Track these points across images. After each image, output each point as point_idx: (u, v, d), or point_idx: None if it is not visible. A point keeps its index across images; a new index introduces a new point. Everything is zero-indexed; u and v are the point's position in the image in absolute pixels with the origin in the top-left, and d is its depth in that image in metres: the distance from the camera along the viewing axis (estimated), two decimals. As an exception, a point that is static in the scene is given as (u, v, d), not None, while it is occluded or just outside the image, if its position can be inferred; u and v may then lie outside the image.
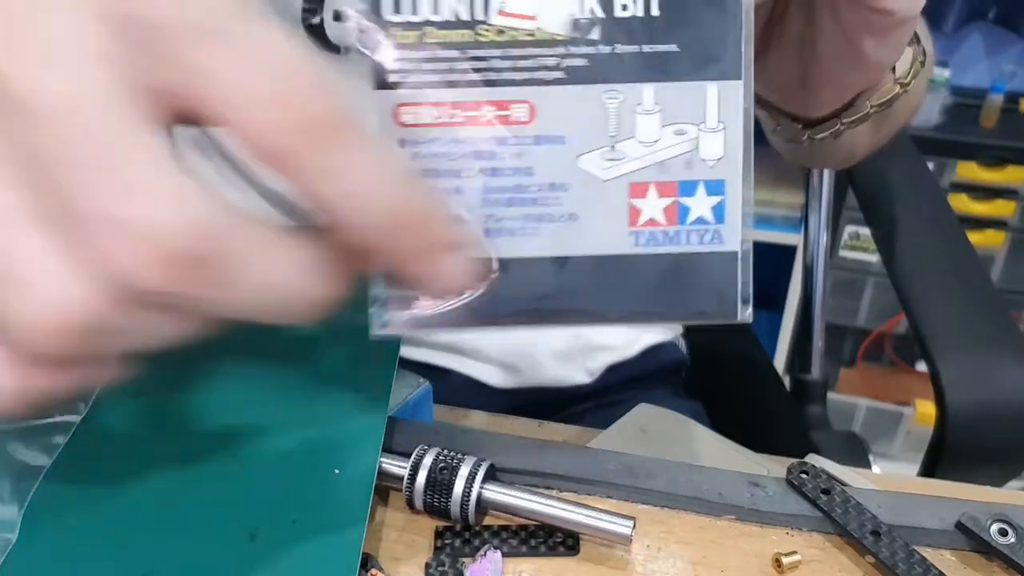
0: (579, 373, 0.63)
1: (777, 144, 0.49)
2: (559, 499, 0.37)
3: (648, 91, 0.26)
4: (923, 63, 0.39)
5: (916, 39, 0.39)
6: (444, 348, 0.61)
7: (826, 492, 0.38)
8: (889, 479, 0.42)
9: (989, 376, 0.49)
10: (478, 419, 0.47)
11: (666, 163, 0.26)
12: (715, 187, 0.27)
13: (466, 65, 0.25)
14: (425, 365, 0.61)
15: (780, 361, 1.50)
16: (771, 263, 1.59)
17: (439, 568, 0.36)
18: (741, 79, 0.26)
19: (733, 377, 0.80)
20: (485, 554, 0.35)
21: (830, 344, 0.85)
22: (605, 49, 0.25)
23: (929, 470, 0.49)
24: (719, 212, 0.27)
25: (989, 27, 1.49)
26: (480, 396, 0.58)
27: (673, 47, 0.25)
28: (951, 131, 1.44)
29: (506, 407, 0.47)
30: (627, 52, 0.25)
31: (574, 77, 0.25)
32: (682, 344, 0.72)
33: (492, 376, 0.62)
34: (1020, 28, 1.45)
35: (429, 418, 0.44)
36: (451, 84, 0.25)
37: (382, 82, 0.25)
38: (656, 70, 0.25)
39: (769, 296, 1.63)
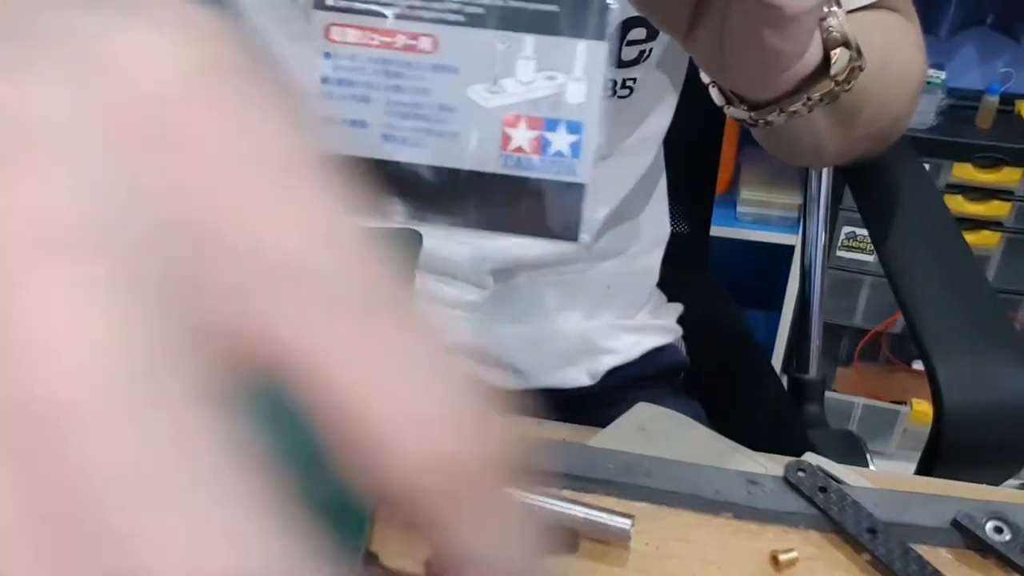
0: (582, 376, 0.64)
1: (751, 130, 0.51)
2: (558, 497, 0.37)
3: (530, 40, 0.31)
4: (861, 68, 0.42)
5: (855, 48, 0.42)
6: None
7: (823, 490, 0.38)
8: (886, 477, 0.42)
9: (985, 376, 0.49)
10: (478, 418, 0.47)
11: (537, 101, 0.31)
12: (574, 127, 0.31)
13: (389, 0, 0.31)
14: None
15: (777, 360, 1.50)
16: (768, 263, 1.59)
17: (439, 566, 0.36)
18: (605, 40, 0.31)
19: (731, 377, 0.80)
20: None
21: (827, 343, 0.85)
22: (499, 2, 0.31)
23: (926, 469, 0.49)
24: (576, 149, 0.31)
25: (986, 32, 1.50)
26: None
27: (555, 8, 0.31)
28: (947, 132, 1.44)
29: (508, 409, 0.47)
30: (517, 7, 0.31)
31: (472, 22, 0.31)
32: (682, 346, 0.72)
33: (496, 379, 0.62)
34: (1018, 34, 1.46)
35: (429, 417, 0.44)
36: (373, 14, 0.31)
37: (319, 3, 0.31)
38: (538, 25, 0.31)
39: (766, 296, 1.63)
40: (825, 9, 0.41)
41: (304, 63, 0.31)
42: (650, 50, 0.55)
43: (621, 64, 0.54)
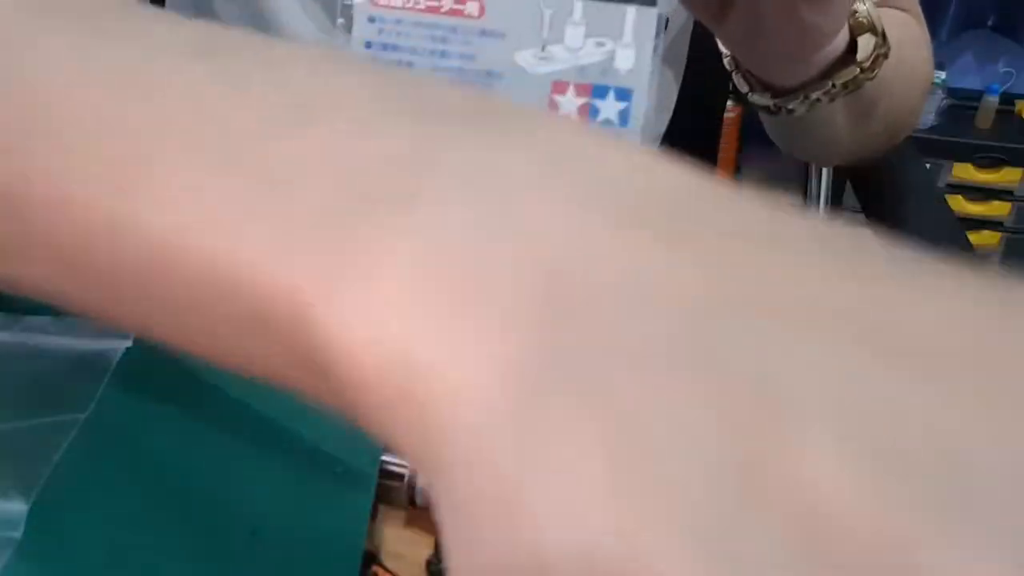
0: None
1: (764, 121, 0.51)
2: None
3: (579, 6, 0.30)
4: (886, 56, 0.42)
5: (880, 34, 0.41)
6: None
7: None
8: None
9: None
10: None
11: (586, 68, 0.30)
12: (623, 94, 0.30)
13: None
14: None
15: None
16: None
17: (440, 565, 0.36)
18: (656, 7, 0.30)
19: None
20: None
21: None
22: None
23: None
24: (624, 116, 0.30)
25: (987, 34, 1.50)
26: None
27: None
28: (947, 133, 1.45)
29: None
30: None
31: None
32: None
33: None
34: (1019, 35, 1.46)
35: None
36: None
37: None
38: None
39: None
40: None
41: (349, 28, 0.31)
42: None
43: None
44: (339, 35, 0.32)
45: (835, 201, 0.88)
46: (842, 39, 0.41)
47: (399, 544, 0.37)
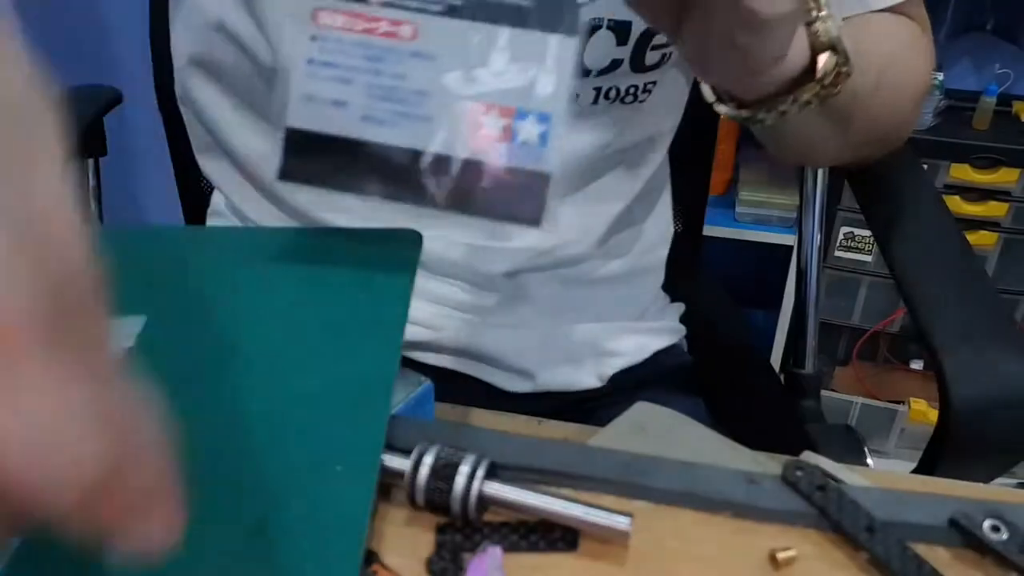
0: (590, 378, 0.64)
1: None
2: (558, 496, 0.37)
3: (505, 33, 0.32)
4: (848, 73, 0.43)
5: (842, 53, 0.42)
6: (461, 354, 0.62)
7: (821, 489, 0.38)
8: (883, 476, 0.43)
9: (992, 369, 0.49)
10: (479, 417, 0.48)
11: (508, 91, 0.32)
12: (543, 118, 0.32)
13: None
14: (441, 370, 0.61)
15: (776, 359, 1.51)
16: (767, 263, 1.60)
17: (440, 563, 0.36)
18: (576, 37, 0.31)
19: (730, 375, 0.80)
20: (485, 549, 0.36)
21: (825, 343, 0.86)
22: None
23: (929, 465, 0.50)
24: (543, 139, 0.32)
25: (985, 36, 1.50)
26: (493, 400, 0.59)
27: (528, 3, 0.32)
28: (945, 133, 1.45)
29: (517, 411, 0.48)
30: (494, 1, 0.32)
31: (451, 12, 0.32)
32: (685, 346, 0.73)
33: (506, 382, 0.63)
34: (1017, 38, 1.46)
35: (430, 416, 0.44)
36: (360, 1, 0.32)
37: None
38: (513, 18, 0.32)
39: (765, 296, 1.64)
40: (814, 14, 0.41)
41: (294, 44, 0.33)
42: (671, 53, 0.55)
43: (645, 68, 0.55)
44: (280, 57, 0.33)
45: (833, 201, 0.88)
46: (800, 56, 0.42)
47: (399, 542, 0.37)
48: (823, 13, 0.41)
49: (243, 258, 0.42)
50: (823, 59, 0.42)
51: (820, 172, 0.84)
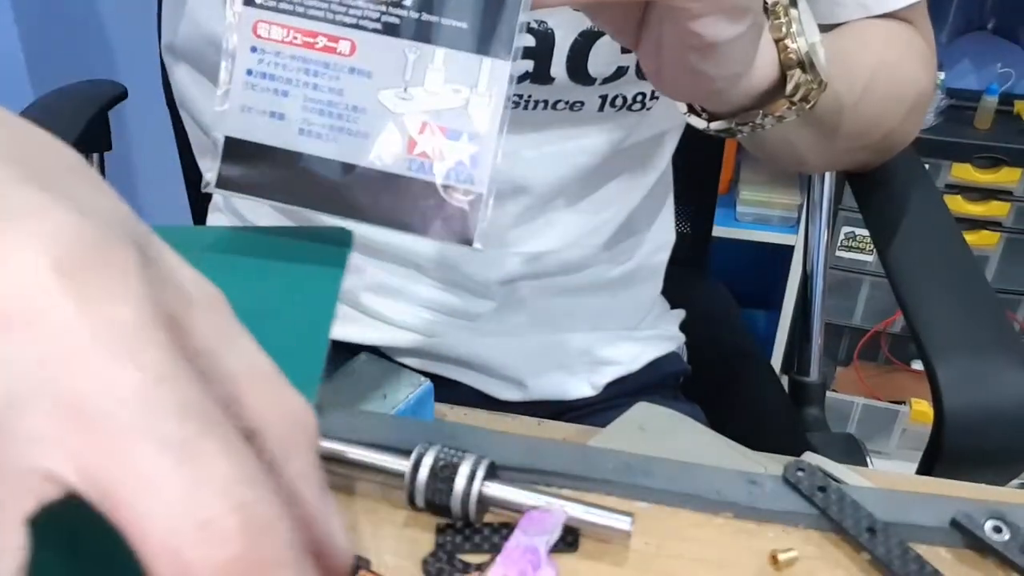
0: (584, 387, 0.64)
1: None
2: (559, 496, 0.37)
3: (440, 53, 0.32)
4: (820, 88, 0.43)
5: (812, 70, 0.42)
6: (455, 362, 0.62)
7: (822, 489, 0.38)
8: (885, 477, 0.43)
9: (986, 378, 0.49)
10: (479, 418, 0.47)
11: (442, 112, 0.33)
12: (475, 139, 0.32)
13: (313, 3, 0.33)
14: (437, 377, 0.61)
15: (777, 360, 1.50)
16: (767, 263, 1.60)
17: (436, 564, 0.36)
18: (509, 60, 0.32)
19: (731, 378, 0.80)
20: (550, 508, 0.36)
21: (826, 343, 0.85)
22: (415, 15, 0.32)
23: (926, 470, 0.49)
24: (475, 159, 0.32)
25: (987, 36, 1.50)
26: (487, 408, 0.59)
27: (464, 24, 0.32)
28: (946, 133, 1.44)
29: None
30: (430, 20, 0.32)
31: (388, 30, 0.33)
32: (684, 353, 0.72)
33: (500, 390, 0.63)
34: (1020, 38, 1.46)
35: (430, 417, 0.44)
36: (299, 15, 0.33)
37: (248, 1, 0.33)
38: (449, 39, 0.32)
39: (765, 296, 1.63)
40: (783, 30, 0.41)
41: (233, 54, 0.33)
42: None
43: None
44: (223, 64, 0.34)
45: (835, 201, 0.88)
46: (771, 71, 0.42)
47: (398, 544, 0.37)
48: (794, 29, 0.41)
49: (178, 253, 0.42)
50: (793, 76, 0.42)
51: (827, 175, 0.83)
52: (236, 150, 0.34)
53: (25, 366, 0.15)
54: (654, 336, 0.68)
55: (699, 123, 0.46)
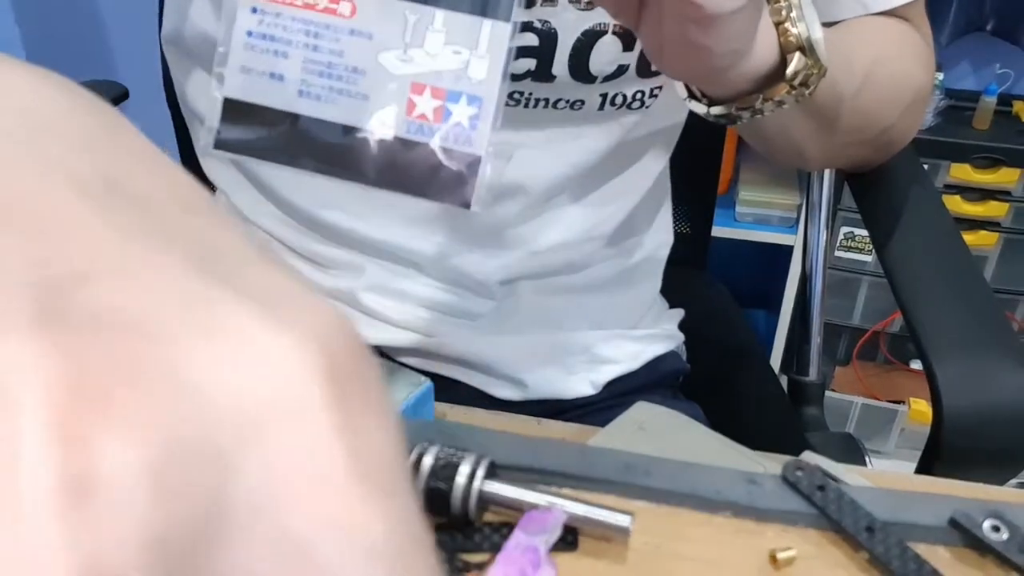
0: (583, 385, 0.64)
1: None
2: (558, 495, 0.37)
3: (440, 15, 0.32)
4: (820, 74, 0.43)
5: (813, 54, 0.42)
6: (455, 362, 0.62)
7: (821, 489, 0.38)
8: (884, 476, 0.43)
9: (985, 379, 0.49)
10: (479, 417, 0.48)
11: (442, 73, 0.32)
12: (474, 101, 0.32)
13: None
14: (437, 376, 0.61)
15: (776, 360, 1.50)
16: (767, 263, 1.60)
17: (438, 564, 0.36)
18: (509, 22, 0.32)
19: (730, 377, 0.80)
20: (551, 508, 0.36)
21: (825, 343, 0.85)
22: None
23: (925, 470, 0.49)
24: (474, 122, 0.32)
25: (986, 37, 1.50)
26: (487, 407, 0.59)
27: None
28: (945, 133, 1.45)
29: None
30: None
31: None
32: (683, 352, 0.72)
33: (500, 390, 0.63)
34: (1018, 39, 1.46)
35: (430, 416, 0.44)
36: None
37: None
38: (449, 1, 0.32)
39: (765, 296, 1.63)
40: (784, 14, 0.41)
41: (234, 16, 0.33)
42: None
43: (651, 73, 0.55)
44: (223, 24, 0.33)
45: (834, 201, 0.88)
46: (771, 55, 0.42)
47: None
48: (793, 14, 0.42)
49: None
50: (793, 60, 0.42)
51: (827, 174, 0.83)
52: (235, 111, 0.33)
53: (255, 480, 0.11)
54: (653, 335, 0.68)
55: (699, 108, 0.46)
